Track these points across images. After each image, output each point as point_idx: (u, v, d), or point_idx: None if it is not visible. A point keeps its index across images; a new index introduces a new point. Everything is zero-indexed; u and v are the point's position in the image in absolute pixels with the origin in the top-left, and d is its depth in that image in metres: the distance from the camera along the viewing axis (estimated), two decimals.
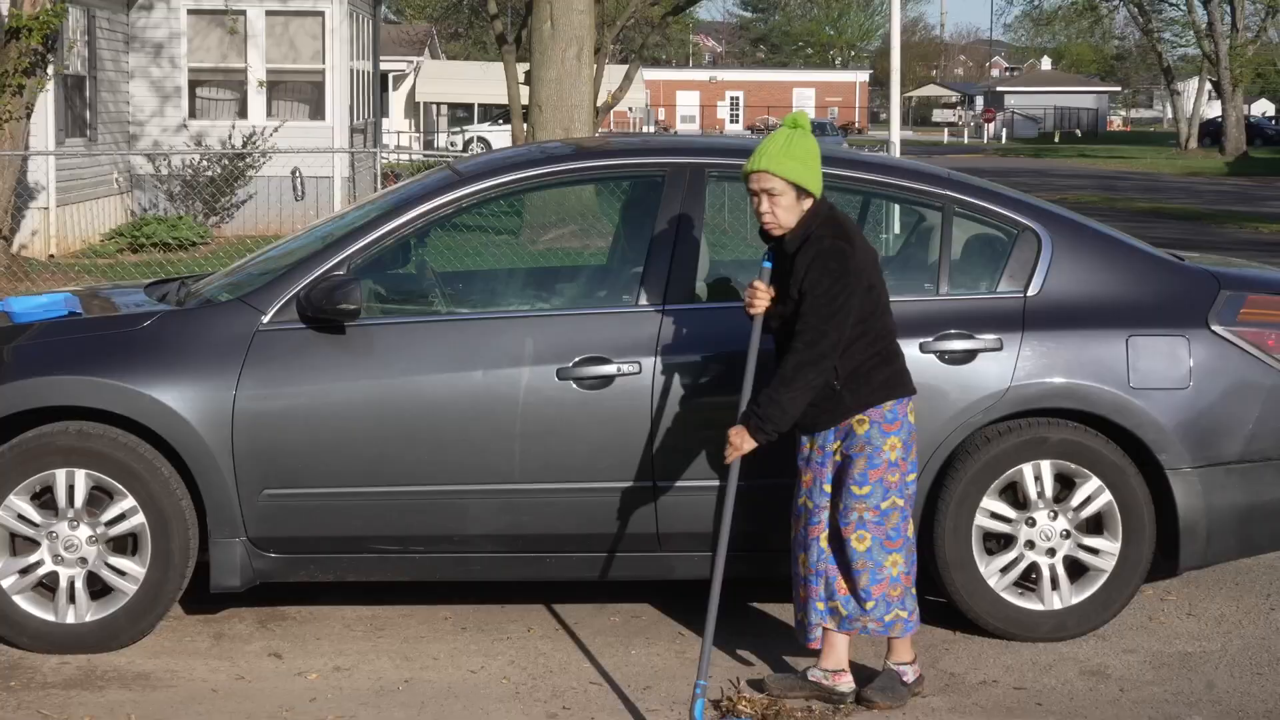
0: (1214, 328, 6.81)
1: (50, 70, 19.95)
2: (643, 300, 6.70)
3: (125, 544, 6.58)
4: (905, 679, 6.16)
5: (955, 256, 6.95)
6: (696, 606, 7.12)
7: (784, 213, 5.90)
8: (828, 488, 6.04)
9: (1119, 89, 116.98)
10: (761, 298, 5.96)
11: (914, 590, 6.14)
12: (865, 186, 7.09)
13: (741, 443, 5.87)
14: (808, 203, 5.92)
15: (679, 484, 6.59)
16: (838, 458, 6.02)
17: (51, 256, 21.10)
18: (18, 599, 6.54)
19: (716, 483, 6.54)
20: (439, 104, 64.20)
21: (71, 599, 6.55)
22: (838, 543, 6.06)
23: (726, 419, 6.47)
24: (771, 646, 6.69)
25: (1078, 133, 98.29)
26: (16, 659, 6.52)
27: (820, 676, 6.17)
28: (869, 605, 6.05)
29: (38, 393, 6.50)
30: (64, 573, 6.54)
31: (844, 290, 5.80)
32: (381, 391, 6.54)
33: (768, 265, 6.02)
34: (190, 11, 25.67)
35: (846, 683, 6.16)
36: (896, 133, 16.82)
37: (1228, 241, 24.59)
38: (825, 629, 6.14)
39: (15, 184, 19.19)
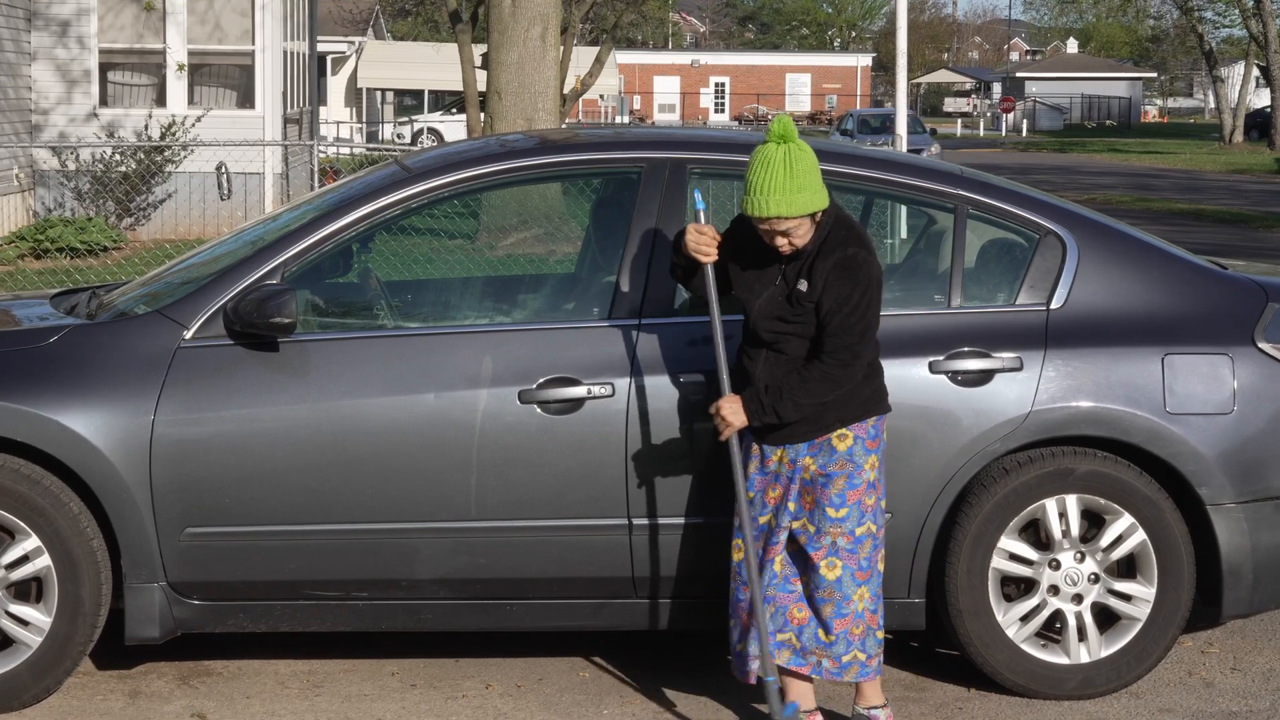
0: (1261, 345, 6.85)
1: None
2: (616, 314, 6.72)
3: (28, 590, 6.56)
4: None
5: (969, 264, 6.99)
6: (677, 661, 7.14)
7: (802, 239, 6.09)
8: (793, 506, 6.16)
9: (1154, 75, 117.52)
10: (710, 243, 6.19)
11: (879, 633, 6.24)
12: (868, 185, 7.13)
13: (735, 419, 6.10)
14: (819, 215, 6.08)
15: (657, 522, 6.60)
16: (807, 475, 6.12)
17: None
18: None
19: (699, 520, 6.56)
20: (384, 90, 64.23)
21: None
22: (798, 568, 6.19)
23: (710, 447, 6.50)
24: (729, 692, 6.72)
25: (1110, 123, 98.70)
26: None
27: None
28: (827, 640, 6.17)
29: None
30: None
31: (872, 304, 6.08)
32: (319, 416, 6.55)
33: (702, 207, 6.27)
34: None
35: None
36: (903, 124, 16.86)
37: (1277, 248, 24.71)
38: (783, 668, 6.23)
39: None
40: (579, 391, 6.58)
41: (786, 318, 6.08)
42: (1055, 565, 6.72)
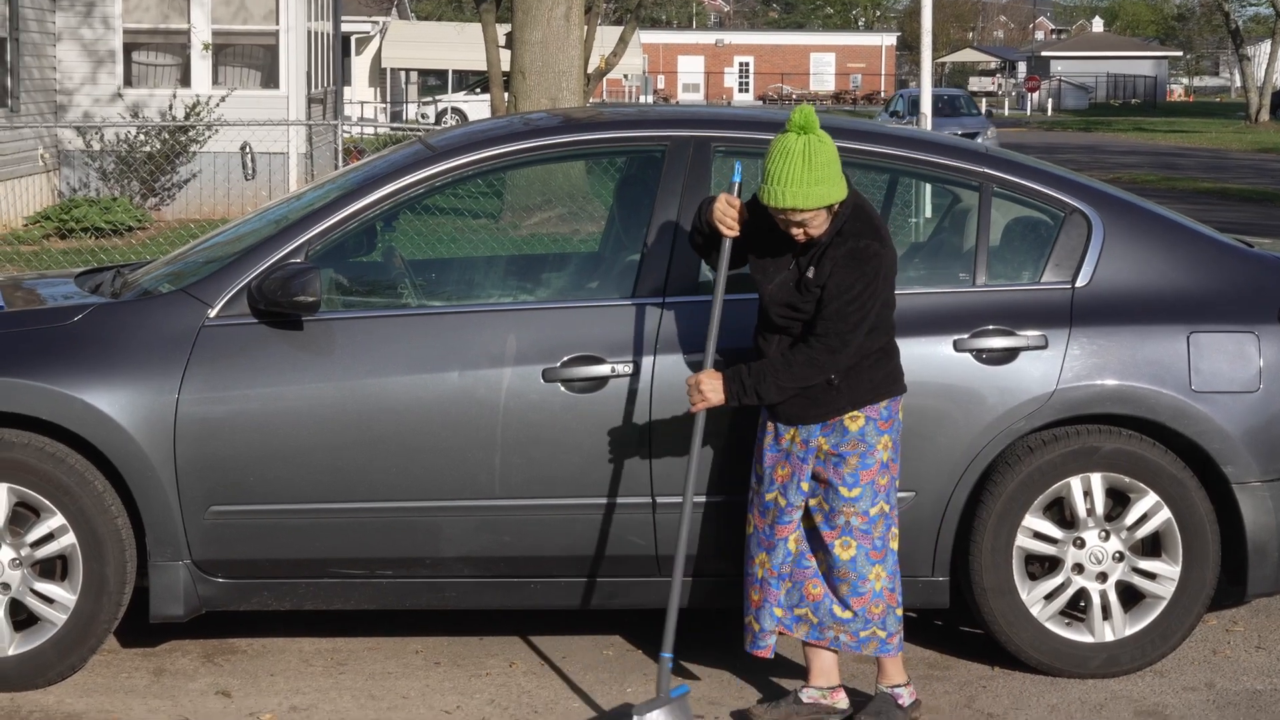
0: None
1: None
2: (640, 292, 6.71)
3: (53, 567, 6.59)
4: (900, 702, 6.26)
5: (994, 243, 6.98)
6: (702, 639, 7.14)
7: (818, 229, 6.05)
8: (805, 486, 6.16)
9: (1180, 54, 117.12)
10: (736, 218, 6.14)
11: (899, 611, 6.24)
12: (892, 164, 7.11)
13: (712, 395, 6.09)
14: (836, 206, 6.04)
15: (681, 500, 6.59)
16: (820, 454, 6.12)
17: None
18: None
19: (721, 498, 6.55)
20: (408, 70, 64.21)
21: None
22: (812, 546, 6.20)
23: (733, 427, 6.49)
24: (754, 670, 6.73)
25: (1135, 102, 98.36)
26: None
27: (816, 696, 6.28)
28: (844, 616, 6.18)
29: None
30: None
31: (874, 296, 6.00)
32: (343, 395, 6.55)
33: (738, 179, 6.21)
34: None
35: (844, 699, 6.31)
36: (928, 103, 16.83)
37: None
38: (808, 644, 6.26)
39: None
40: (603, 370, 6.58)
41: (796, 305, 6.07)
42: (1080, 543, 6.71)
